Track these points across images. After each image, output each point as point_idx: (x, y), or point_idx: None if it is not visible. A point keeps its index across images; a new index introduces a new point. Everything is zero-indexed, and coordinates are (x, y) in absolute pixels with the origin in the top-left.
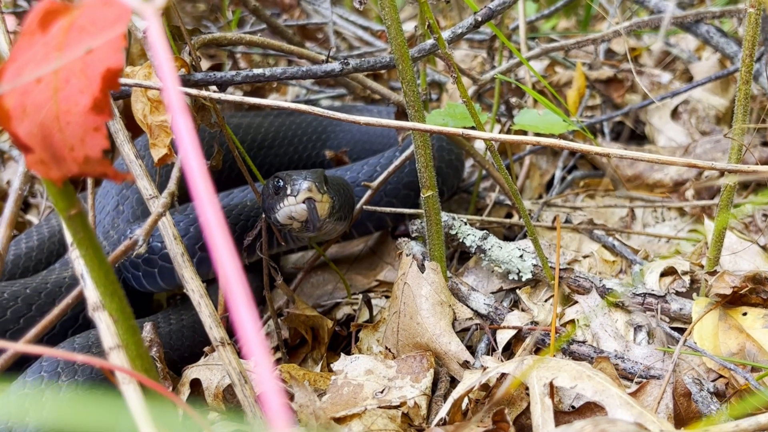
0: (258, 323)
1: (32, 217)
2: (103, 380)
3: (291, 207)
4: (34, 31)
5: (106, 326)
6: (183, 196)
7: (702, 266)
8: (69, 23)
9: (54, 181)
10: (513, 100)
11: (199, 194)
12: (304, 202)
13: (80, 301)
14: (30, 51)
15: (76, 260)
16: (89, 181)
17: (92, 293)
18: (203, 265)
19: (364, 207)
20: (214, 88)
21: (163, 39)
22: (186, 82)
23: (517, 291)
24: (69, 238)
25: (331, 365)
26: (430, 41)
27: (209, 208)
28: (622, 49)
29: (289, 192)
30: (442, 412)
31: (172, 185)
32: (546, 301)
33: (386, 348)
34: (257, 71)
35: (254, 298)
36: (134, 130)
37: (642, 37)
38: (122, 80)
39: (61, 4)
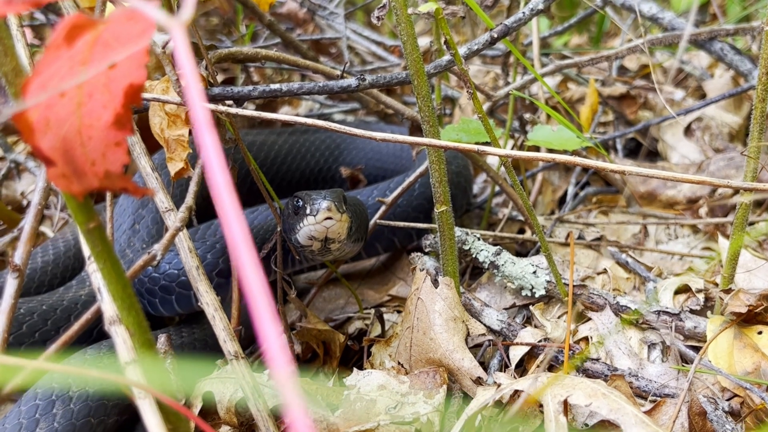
0: (282, 338)
1: (46, 229)
2: None
3: (311, 227)
4: (60, 44)
5: (122, 340)
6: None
7: (716, 284)
8: (94, 38)
9: (75, 195)
10: (527, 115)
11: (224, 210)
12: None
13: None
14: (55, 64)
15: (94, 273)
16: (108, 194)
17: (109, 307)
18: (219, 291)
19: (376, 225)
20: (230, 102)
21: (189, 54)
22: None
23: (530, 307)
24: (87, 251)
25: (344, 380)
26: (446, 57)
27: (235, 223)
28: (635, 66)
29: (308, 211)
30: (456, 428)
31: (189, 200)
32: (559, 317)
33: (399, 363)
34: (274, 86)
35: None
36: (147, 142)
37: (654, 53)
38: (142, 95)
39: (87, 18)
